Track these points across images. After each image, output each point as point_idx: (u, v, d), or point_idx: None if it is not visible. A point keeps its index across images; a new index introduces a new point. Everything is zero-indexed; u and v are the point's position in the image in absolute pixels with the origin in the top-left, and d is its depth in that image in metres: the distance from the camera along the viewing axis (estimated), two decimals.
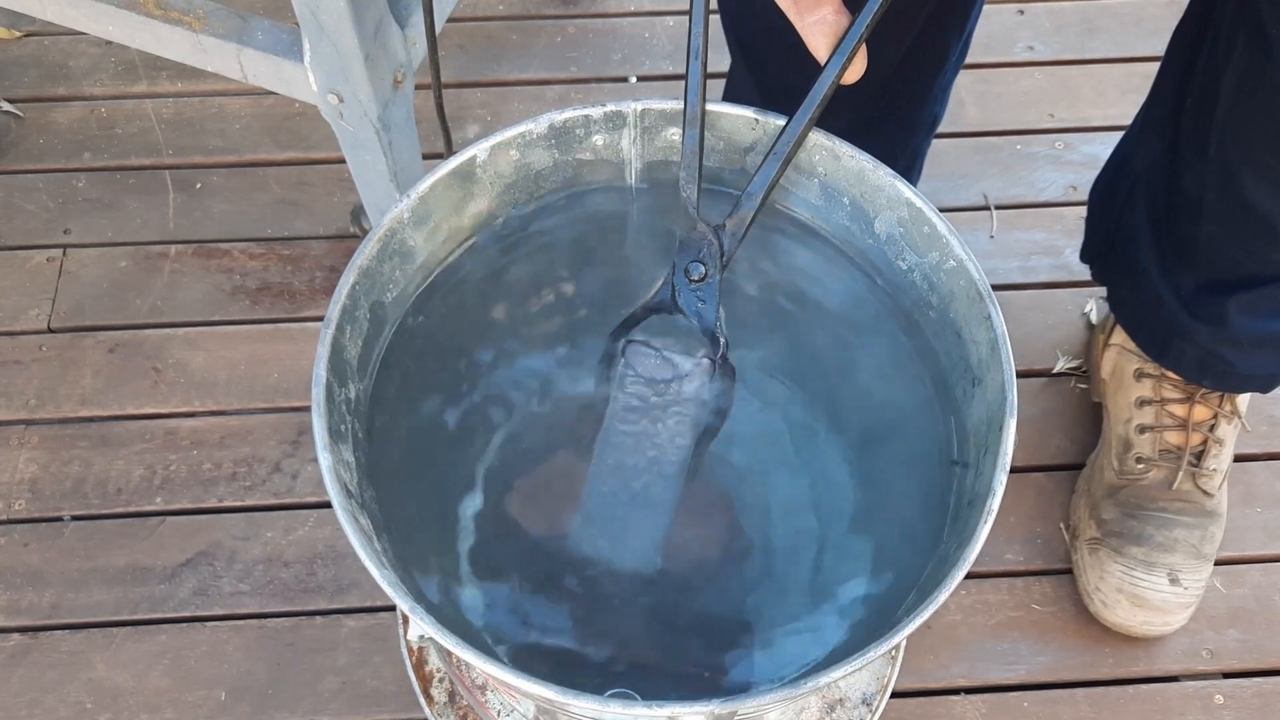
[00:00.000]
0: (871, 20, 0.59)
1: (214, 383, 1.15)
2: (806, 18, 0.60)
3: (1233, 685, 1.02)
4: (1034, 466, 1.12)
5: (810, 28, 0.60)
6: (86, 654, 1.02)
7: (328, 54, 0.90)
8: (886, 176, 0.65)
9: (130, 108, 1.33)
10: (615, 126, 0.68)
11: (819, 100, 0.61)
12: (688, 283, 0.64)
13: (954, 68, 0.92)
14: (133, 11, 0.95)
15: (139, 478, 1.10)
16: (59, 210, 1.26)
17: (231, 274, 1.22)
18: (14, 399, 1.14)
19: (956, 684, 1.01)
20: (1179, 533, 1.00)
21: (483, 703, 0.86)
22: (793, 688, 0.51)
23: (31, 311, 1.19)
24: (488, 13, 1.42)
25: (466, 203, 0.68)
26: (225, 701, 1.00)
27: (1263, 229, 0.85)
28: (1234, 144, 0.83)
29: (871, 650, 0.51)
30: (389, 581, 0.54)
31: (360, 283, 0.63)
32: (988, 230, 1.25)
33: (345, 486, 0.57)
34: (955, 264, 0.64)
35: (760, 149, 0.67)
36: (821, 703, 0.88)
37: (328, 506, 1.06)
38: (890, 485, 0.68)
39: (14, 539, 1.07)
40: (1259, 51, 0.76)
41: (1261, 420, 1.14)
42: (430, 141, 1.06)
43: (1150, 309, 0.99)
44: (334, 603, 1.04)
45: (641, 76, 1.37)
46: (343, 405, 0.61)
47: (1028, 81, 1.37)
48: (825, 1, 0.59)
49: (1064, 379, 1.16)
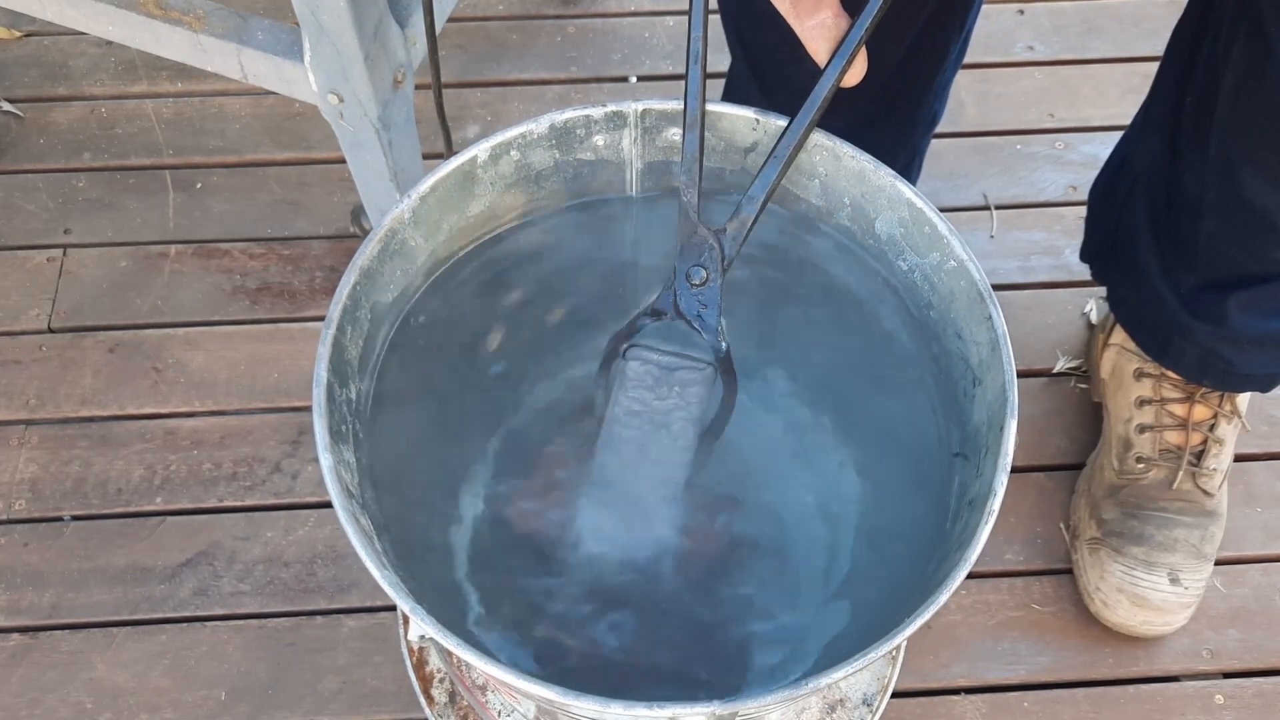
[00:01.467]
0: (871, 23, 0.59)
1: (214, 383, 1.15)
2: (806, 21, 0.60)
3: (1233, 685, 1.02)
4: (1034, 466, 1.12)
5: (810, 31, 0.60)
6: (87, 654, 1.02)
7: (328, 54, 0.90)
8: (887, 177, 0.65)
9: (130, 107, 1.33)
10: (616, 127, 0.68)
11: (819, 103, 0.61)
12: (689, 287, 0.64)
13: (953, 66, 0.92)
14: (133, 11, 0.95)
15: (139, 478, 1.10)
16: (59, 210, 1.26)
17: (232, 274, 1.22)
18: (14, 399, 1.14)
19: (957, 684, 1.01)
20: (1179, 532, 1.00)
21: (483, 703, 0.86)
22: (794, 688, 0.51)
23: (31, 311, 1.19)
24: (488, 13, 1.42)
25: (467, 203, 0.68)
26: (225, 701, 1.00)
27: (1262, 227, 0.85)
28: (1234, 142, 0.83)
29: (873, 651, 0.51)
30: (390, 582, 0.54)
31: (361, 283, 0.63)
32: (988, 230, 1.25)
33: (346, 487, 0.57)
34: (956, 264, 0.64)
35: (761, 149, 0.67)
36: (822, 703, 0.88)
37: (328, 506, 1.07)
38: (890, 485, 0.68)
39: (14, 539, 1.07)
40: (1259, 50, 0.76)
41: (1262, 420, 1.14)
42: (430, 141, 1.06)
43: (1150, 308, 0.99)
44: (334, 603, 1.04)
45: (642, 76, 1.37)
46: (343, 406, 0.61)
47: (1028, 81, 1.37)
48: (825, 5, 0.59)
49: (1064, 379, 1.16)
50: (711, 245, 0.64)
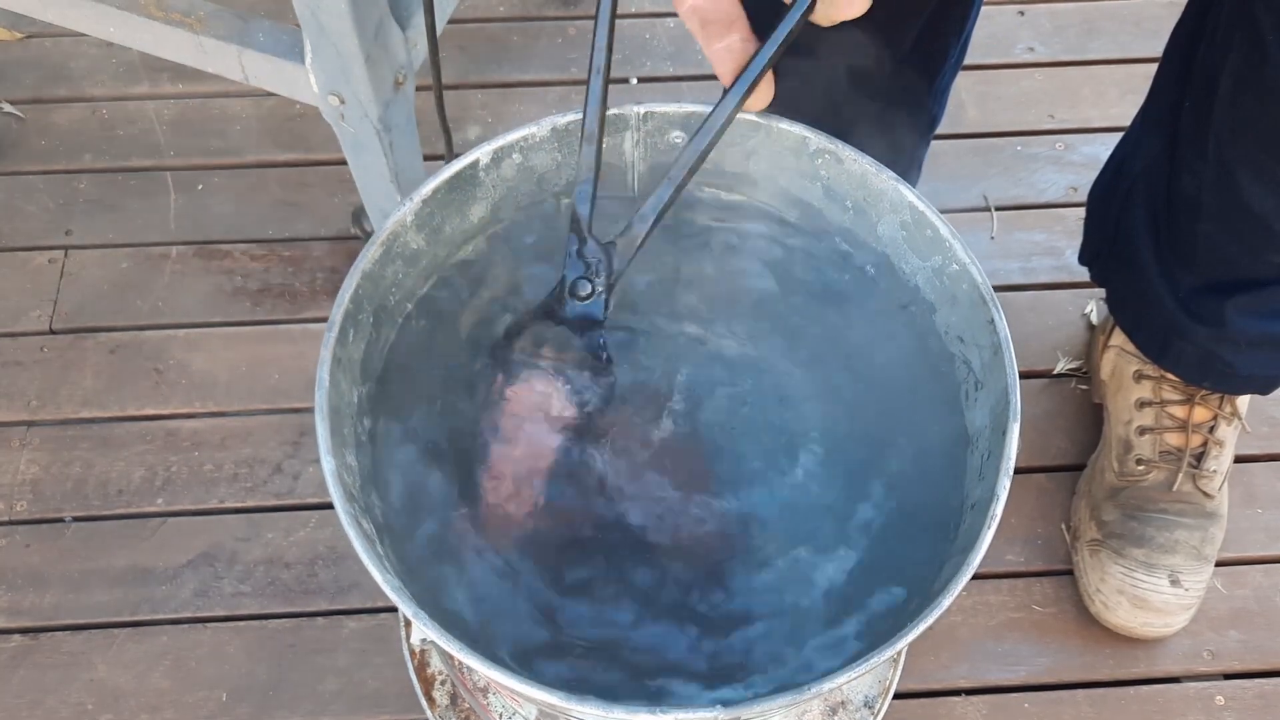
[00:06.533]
0: (777, 51, 0.58)
1: (215, 384, 1.15)
2: (714, 44, 0.59)
3: (1234, 686, 1.02)
4: (1035, 467, 1.12)
5: (717, 54, 0.59)
6: (88, 655, 1.02)
7: (329, 55, 0.90)
8: (889, 180, 0.65)
9: (131, 109, 1.33)
10: (618, 130, 0.68)
11: (717, 129, 0.60)
12: (574, 299, 0.64)
13: (953, 69, 0.92)
14: (134, 13, 0.95)
15: (140, 479, 1.10)
16: (60, 211, 1.26)
17: (232, 275, 1.22)
18: (15, 400, 1.14)
19: (957, 685, 1.02)
20: (1180, 534, 1.00)
21: (485, 705, 0.86)
22: (797, 693, 0.51)
23: (33, 312, 1.19)
24: (488, 14, 1.42)
25: (469, 206, 0.68)
26: (226, 703, 1.00)
27: (1260, 230, 0.85)
28: (1232, 146, 0.83)
29: (875, 656, 0.51)
30: (393, 587, 0.54)
31: (363, 286, 0.63)
32: (988, 231, 1.25)
33: (349, 491, 0.57)
34: (958, 268, 0.64)
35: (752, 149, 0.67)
36: (824, 705, 0.88)
37: (329, 508, 1.07)
38: (892, 489, 0.68)
39: (15, 540, 1.07)
40: (1255, 54, 0.76)
41: (1262, 421, 1.14)
42: (431, 143, 1.06)
43: (1149, 310, 0.99)
44: (335, 604, 1.04)
45: (642, 78, 1.37)
46: (346, 409, 0.61)
47: (1028, 82, 1.37)
48: (734, 28, 0.58)
49: (1064, 380, 1.16)
50: (600, 259, 0.63)
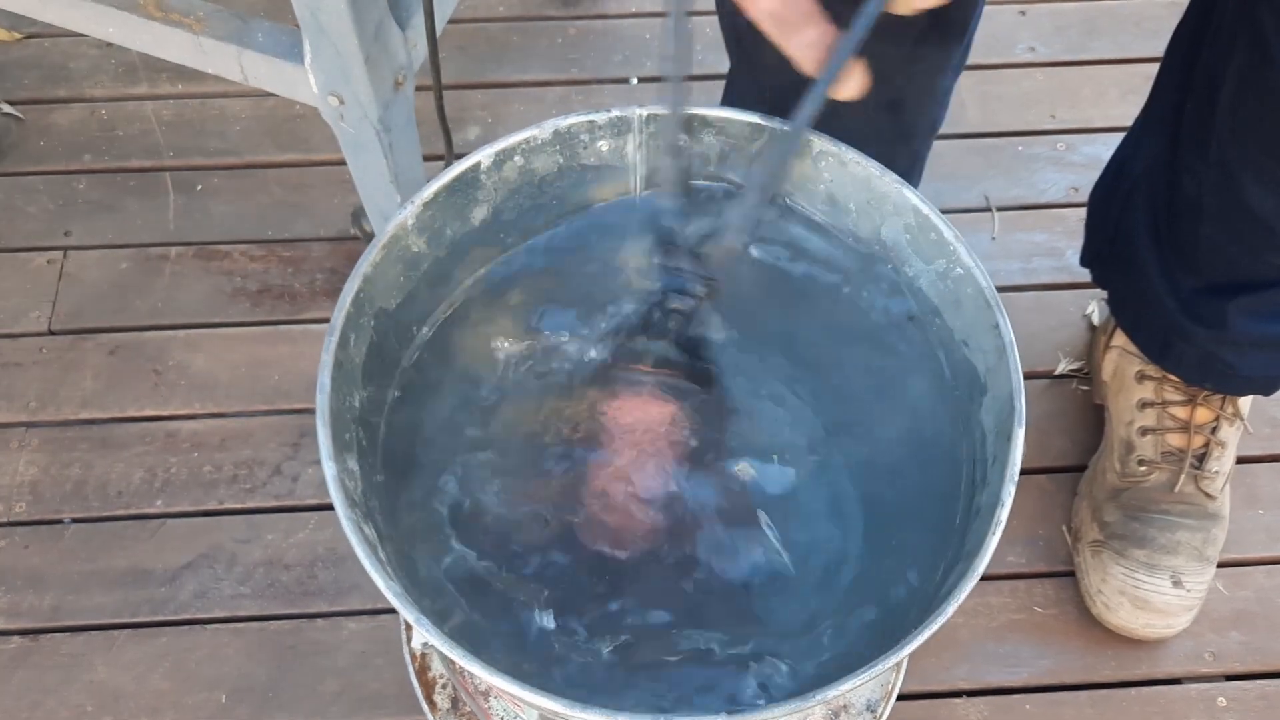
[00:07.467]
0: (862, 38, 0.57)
1: (214, 385, 1.15)
2: (792, 39, 0.57)
3: (1235, 688, 1.02)
4: (1036, 468, 1.12)
5: (798, 50, 0.57)
6: (87, 656, 1.02)
7: (328, 56, 0.90)
8: (893, 183, 0.65)
9: (131, 109, 1.33)
10: (620, 132, 0.67)
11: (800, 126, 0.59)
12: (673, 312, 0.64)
13: (954, 71, 0.92)
14: (133, 13, 0.95)
15: (139, 480, 1.10)
16: (59, 212, 1.26)
17: (232, 276, 1.22)
18: (14, 401, 1.14)
19: (958, 686, 1.01)
20: (1181, 535, 1.00)
21: (486, 709, 0.86)
22: (801, 700, 0.51)
23: (32, 313, 1.19)
24: (488, 14, 1.42)
25: (470, 208, 0.68)
26: (226, 704, 1.00)
27: (1262, 232, 0.85)
28: (1234, 148, 0.83)
29: (880, 663, 0.51)
30: (394, 593, 0.53)
31: (364, 290, 0.63)
32: (989, 232, 1.25)
33: (349, 496, 0.57)
34: (963, 271, 0.64)
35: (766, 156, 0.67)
36: (826, 710, 0.88)
37: (329, 509, 1.07)
38: (896, 494, 0.68)
39: (14, 541, 1.07)
40: (1258, 55, 0.76)
41: (1264, 422, 1.14)
42: (431, 143, 1.05)
43: (1150, 311, 0.99)
44: (335, 605, 1.04)
45: (643, 78, 1.37)
46: (347, 414, 0.61)
47: (1029, 83, 1.36)
48: (811, 21, 0.56)
49: (1066, 381, 1.16)
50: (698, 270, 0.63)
